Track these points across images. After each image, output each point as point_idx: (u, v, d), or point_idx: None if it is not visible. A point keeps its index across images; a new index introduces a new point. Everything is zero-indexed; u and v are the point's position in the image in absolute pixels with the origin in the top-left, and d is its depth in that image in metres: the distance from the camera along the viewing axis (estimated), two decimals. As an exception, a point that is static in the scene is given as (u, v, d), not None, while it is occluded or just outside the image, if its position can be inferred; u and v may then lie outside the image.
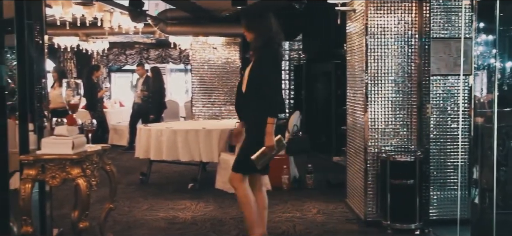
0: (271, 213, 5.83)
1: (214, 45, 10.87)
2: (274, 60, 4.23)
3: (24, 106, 4.13)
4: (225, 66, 10.99)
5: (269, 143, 4.14)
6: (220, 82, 10.98)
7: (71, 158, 3.67)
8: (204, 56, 10.97)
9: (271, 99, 4.16)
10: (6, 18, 3.99)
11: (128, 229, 5.20)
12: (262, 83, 4.15)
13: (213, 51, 10.95)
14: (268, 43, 4.21)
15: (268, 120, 4.11)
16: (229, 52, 11.00)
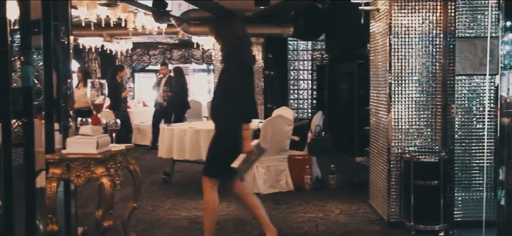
0: (293, 213, 5.83)
1: (236, 45, 10.86)
2: (240, 66, 4.26)
3: (50, 106, 4.17)
4: (247, 66, 10.97)
5: (247, 149, 4.21)
6: (243, 82, 10.96)
7: (96, 157, 3.70)
8: (227, 56, 10.97)
9: (242, 106, 4.23)
10: (33, 20, 4.05)
11: (151, 228, 5.23)
12: (229, 90, 4.24)
13: (236, 52, 10.94)
14: (233, 51, 4.29)
15: (243, 126, 4.19)
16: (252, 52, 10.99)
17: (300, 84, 12.85)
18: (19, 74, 4.04)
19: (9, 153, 3.93)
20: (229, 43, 4.31)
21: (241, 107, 4.22)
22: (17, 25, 4.12)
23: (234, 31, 4.32)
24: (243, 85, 4.23)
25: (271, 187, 6.87)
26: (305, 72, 12.84)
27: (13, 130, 3.97)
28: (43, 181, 3.98)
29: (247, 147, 4.21)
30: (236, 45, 4.29)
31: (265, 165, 6.84)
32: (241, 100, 4.21)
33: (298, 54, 12.70)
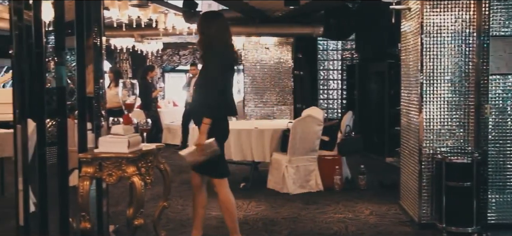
0: (323, 213, 5.80)
1: (266, 45, 10.88)
2: (216, 62, 4.25)
3: (82, 106, 4.24)
4: (277, 66, 10.99)
5: (199, 141, 4.18)
6: (272, 82, 10.98)
7: (127, 156, 3.75)
8: (256, 56, 11.00)
9: (209, 100, 4.19)
10: (67, 21, 4.12)
11: (181, 227, 5.27)
12: (203, 86, 4.26)
13: (266, 51, 10.96)
14: (210, 48, 4.31)
15: (203, 120, 4.16)
16: (282, 52, 10.99)
17: (330, 84, 12.78)
18: (53, 74, 4.11)
19: (43, 152, 4.01)
20: (207, 40, 4.33)
21: (209, 102, 4.19)
22: (51, 27, 4.19)
23: (213, 29, 4.33)
24: (214, 79, 4.20)
25: (300, 187, 6.86)
26: (335, 72, 12.77)
27: (47, 130, 4.04)
28: (76, 179, 4.04)
29: (199, 139, 4.19)
30: (214, 42, 4.30)
31: (295, 165, 6.83)
32: (210, 95, 4.19)
33: (328, 54, 12.63)
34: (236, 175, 7.98)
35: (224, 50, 4.33)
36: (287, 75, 10.98)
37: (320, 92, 12.74)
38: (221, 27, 4.39)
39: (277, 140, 7.19)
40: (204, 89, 4.25)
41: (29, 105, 4.01)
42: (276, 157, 7.04)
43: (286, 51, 10.98)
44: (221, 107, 4.28)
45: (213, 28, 4.35)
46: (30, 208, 4.09)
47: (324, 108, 12.31)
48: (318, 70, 12.63)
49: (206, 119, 4.16)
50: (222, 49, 4.32)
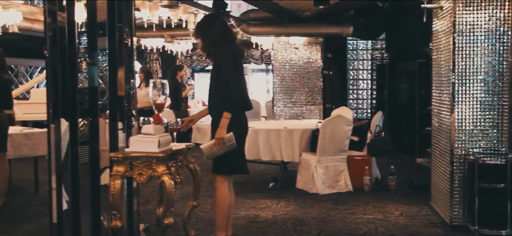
0: (352, 214, 5.76)
1: (295, 45, 10.87)
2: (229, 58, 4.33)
3: (114, 106, 4.29)
4: (306, 66, 10.96)
5: (218, 135, 4.25)
6: (302, 82, 10.96)
7: (157, 156, 3.78)
8: (285, 56, 10.99)
9: (230, 94, 4.24)
10: (99, 22, 4.18)
11: (211, 227, 5.29)
12: (219, 84, 4.31)
13: (295, 51, 10.95)
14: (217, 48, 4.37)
15: (223, 114, 4.23)
16: (311, 52, 10.96)
17: (360, 84, 12.69)
18: (85, 74, 4.18)
19: (76, 151, 4.07)
20: (212, 43, 4.38)
21: (229, 97, 4.25)
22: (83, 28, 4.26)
23: (215, 31, 4.37)
24: (229, 75, 4.26)
25: (329, 188, 6.83)
26: (365, 72, 12.67)
27: (79, 129, 4.11)
28: (107, 178, 4.09)
29: (218, 133, 4.25)
30: (219, 43, 4.35)
31: (324, 165, 6.80)
32: (228, 90, 4.24)
33: (358, 53, 12.55)
34: (265, 175, 7.99)
35: (233, 46, 4.41)
36: (317, 75, 10.94)
37: (349, 92, 12.66)
38: (223, 26, 4.47)
39: (306, 140, 7.18)
40: (220, 86, 4.30)
41: (62, 104, 4.09)
42: (305, 157, 7.02)
43: (315, 51, 10.95)
44: (239, 102, 4.33)
45: (216, 28, 4.39)
46: (63, 206, 4.17)
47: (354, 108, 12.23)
48: (348, 70, 12.55)
49: (226, 113, 4.22)
50: (230, 45, 4.39)
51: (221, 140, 4.25)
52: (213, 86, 4.40)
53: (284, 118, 10.81)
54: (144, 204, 5.98)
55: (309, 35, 10.67)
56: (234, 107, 4.27)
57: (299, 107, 11.00)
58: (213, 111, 4.44)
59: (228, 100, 4.25)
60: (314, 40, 10.88)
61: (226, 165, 4.40)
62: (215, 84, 4.37)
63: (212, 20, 4.56)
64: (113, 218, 3.85)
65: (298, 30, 10.28)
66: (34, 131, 6.84)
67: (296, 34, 10.48)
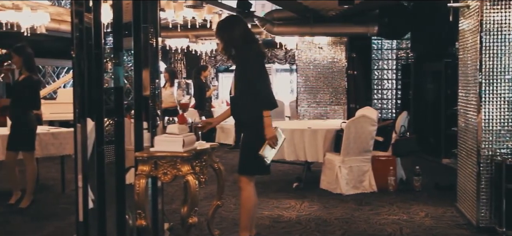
0: (377, 214, 5.72)
1: (320, 44, 10.83)
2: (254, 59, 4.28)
3: (139, 105, 4.33)
4: (330, 65, 10.92)
5: (270, 134, 4.18)
6: (326, 82, 10.92)
7: (182, 155, 3.81)
8: (309, 56, 10.96)
9: (262, 93, 4.20)
10: (125, 22, 4.22)
11: (234, 226, 5.30)
12: (246, 84, 4.23)
13: (319, 51, 10.92)
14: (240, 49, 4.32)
15: (264, 113, 4.16)
16: (335, 51, 10.91)
17: (384, 84, 12.60)
18: (110, 74, 4.23)
19: (101, 151, 4.12)
20: (232, 44, 4.33)
21: (264, 95, 4.22)
22: (109, 28, 4.31)
23: (237, 33, 4.32)
24: (257, 75, 4.22)
25: (353, 188, 6.79)
26: (390, 72, 12.58)
27: (105, 129, 4.16)
28: (132, 177, 4.13)
29: (269, 132, 4.18)
30: (241, 44, 4.31)
31: (348, 165, 6.77)
32: (259, 89, 4.20)
33: (383, 53, 12.46)
34: (289, 175, 7.98)
35: (255, 46, 4.37)
36: (341, 75, 10.89)
37: (374, 92, 12.58)
38: (245, 27, 4.43)
39: (330, 140, 7.15)
40: (247, 87, 4.23)
41: (88, 104, 4.14)
42: (329, 157, 7.00)
43: (339, 50, 10.90)
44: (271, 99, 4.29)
45: (237, 29, 4.34)
46: (89, 204, 4.22)
47: (378, 108, 12.15)
48: (372, 69, 12.47)
49: (266, 111, 4.18)
50: (253, 46, 4.34)
51: (274, 138, 4.22)
52: (239, 87, 4.34)
53: (308, 118, 10.78)
54: (169, 203, 6.03)
55: (334, 34, 10.63)
56: (271, 103, 4.24)
57: (323, 107, 10.96)
58: (240, 112, 4.37)
59: (262, 98, 4.22)
60: (338, 39, 10.83)
61: (251, 165, 4.35)
62: (242, 85, 4.30)
63: (233, 21, 4.53)
64: (138, 217, 3.89)
65: (322, 29, 10.24)
66: (61, 131, 6.94)
67: (320, 34, 10.45)
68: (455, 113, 6.10)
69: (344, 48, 10.90)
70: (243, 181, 4.40)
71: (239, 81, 4.33)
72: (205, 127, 4.48)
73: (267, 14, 10.36)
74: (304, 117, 10.90)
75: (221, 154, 10.06)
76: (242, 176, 4.40)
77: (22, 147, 6.10)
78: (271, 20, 10.11)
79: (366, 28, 9.98)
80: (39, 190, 6.69)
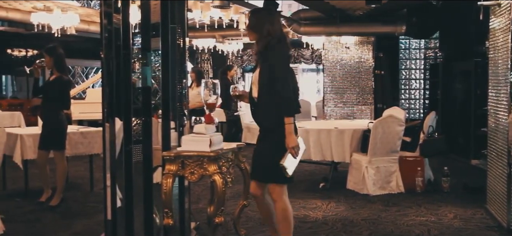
0: (404, 216, 5.67)
1: (347, 44, 10.78)
2: (284, 60, 4.04)
3: (166, 105, 4.37)
4: (358, 65, 10.86)
5: (292, 143, 3.89)
6: (353, 82, 10.87)
7: (209, 155, 3.82)
8: (336, 56, 10.92)
9: (285, 99, 3.90)
10: (153, 23, 4.26)
11: (260, 226, 5.31)
12: (274, 85, 3.91)
13: (346, 51, 10.86)
14: (272, 45, 3.99)
15: (285, 120, 3.88)
16: (362, 51, 10.85)
17: (412, 84, 12.49)
18: (138, 74, 4.27)
19: (129, 150, 4.17)
20: (269, 39, 3.99)
21: (287, 100, 3.91)
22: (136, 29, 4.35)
23: (277, 27, 4.05)
24: (283, 77, 3.91)
25: (380, 188, 6.74)
26: (417, 71, 12.47)
27: (133, 128, 4.20)
28: (159, 177, 4.17)
29: (291, 141, 3.89)
30: (276, 42, 3.99)
31: (375, 166, 6.72)
32: (286, 94, 3.90)
33: (410, 52, 12.35)
34: (315, 175, 7.95)
35: (286, 46, 4.10)
36: (368, 74, 10.83)
37: (401, 92, 12.48)
38: (280, 22, 4.19)
39: (357, 140, 7.11)
40: (274, 89, 3.93)
41: (117, 104, 4.19)
42: (356, 158, 6.95)
43: (366, 50, 10.83)
44: (295, 104, 4.05)
45: (278, 23, 4.09)
46: (117, 203, 4.27)
47: (406, 108, 12.04)
48: (400, 69, 12.37)
49: (288, 118, 3.89)
50: (286, 44, 4.09)
51: (297, 147, 3.93)
52: (265, 89, 4.02)
53: (334, 118, 10.73)
54: (195, 203, 6.06)
55: (361, 34, 10.57)
56: (293, 108, 3.97)
57: (350, 107, 10.91)
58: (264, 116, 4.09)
59: (284, 103, 3.91)
60: (365, 39, 10.77)
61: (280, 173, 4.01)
62: (269, 87, 3.98)
63: (274, 13, 4.21)
64: (165, 216, 3.92)
65: (349, 29, 10.19)
66: (90, 130, 7.03)
67: (347, 33, 10.40)
68: (484, 113, 6.01)
69: (371, 47, 10.84)
70: (274, 192, 4.11)
71: (265, 82, 4.01)
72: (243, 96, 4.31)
73: (294, 14, 10.36)
74: (331, 117, 10.85)
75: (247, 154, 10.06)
76: (273, 185, 4.10)
77: (53, 146, 6.20)
78: (298, 20, 10.09)
79: (393, 27, 9.90)
80: (69, 188, 6.79)
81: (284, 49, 4.06)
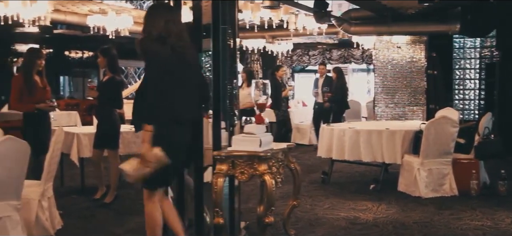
0: (458, 220, 5.53)
1: (398, 44, 10.62)
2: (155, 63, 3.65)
3: (217, 105, 4.41)
4: (409, 65, 10.68)
5: (142, 151, 3.55)
6: (404, 82, 10.70)
7: (259, 155, 3.84)
8: (387, 56, 10.77)
9: (148, 105, 3.60)
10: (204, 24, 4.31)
11: (310, 227, 5.30)
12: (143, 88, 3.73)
13: (397, 50, 10.70)
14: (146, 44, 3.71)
15: (144, 127, 3.55)
16: (414, 51, 10.66)
17: (466, 84, 12.18)
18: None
19: (181, 149, 4.22)
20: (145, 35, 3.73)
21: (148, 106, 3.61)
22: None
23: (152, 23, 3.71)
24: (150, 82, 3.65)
25: (433, 191, 6.60)
26: (472, 71, 12.14)
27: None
28: (210, 176, 4.21)
29: (142, 149, 3.56)
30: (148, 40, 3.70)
31: (427, 168, 6.58)
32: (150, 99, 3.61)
33: (465, 52, 12.04)
34: (366, 177, 7.87)
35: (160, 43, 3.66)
36: (420, 74, 10.64)
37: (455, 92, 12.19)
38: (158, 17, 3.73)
39: (409, 141, 6.99)
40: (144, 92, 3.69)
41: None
42: (407, 159, 6.83)
43: (419, 50, 10.64)
44: (161, 111, 3.63)
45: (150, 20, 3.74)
46: (168, 201, 4.34)
47: (460, 109, 11.74)
48: (454, 69, 12.08)
49: (147, 125, 3.54)
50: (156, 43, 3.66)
51: (142, 157, 3.57)
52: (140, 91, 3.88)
53: (385, 119, 10.59)
54: (245, 202, 6.09)
55: (413, 33, 10.39)
56: (153, 117, 3.58)
57: (401, 108, 10.73)
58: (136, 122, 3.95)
59: (148, 109, 3.61)
60: (417, 38, 10.58)
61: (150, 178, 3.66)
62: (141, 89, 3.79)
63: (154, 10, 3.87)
64: (216, 215, 3.96)
65: (401, 28, 10.04)
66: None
67: (399, 33, 10.24)
68: (544, 115, 5.79)
69: (423, 47, 10.64)
70: (144, 196, 3.80)
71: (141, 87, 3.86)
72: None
73: (344, 14, 10.27)
74: (381, 118, 10.71)
75: (297, 154, 10.06)
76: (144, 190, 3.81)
77: (107, 145, 6.36)
78: (348, 20, 10.01)
79: (447, 26, 9.69)
80: (122, 186, 6.93)
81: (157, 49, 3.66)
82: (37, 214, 4.64)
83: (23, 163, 4.24)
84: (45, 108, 6.01)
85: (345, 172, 8.30)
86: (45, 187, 4.80)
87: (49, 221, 4.76)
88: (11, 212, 4.18)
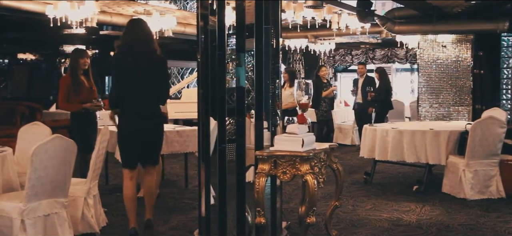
0: (505, 222, 5.40)
1: (443, 43, 10.42)
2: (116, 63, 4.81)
3: (259, 105, 4.42)
4: (455, 65, 10.46)
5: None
6: (449, 82, 10.49)
7: (301, 155, 3.84)
8: (432, 55, 10.58)
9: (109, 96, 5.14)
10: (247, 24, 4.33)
11: (352, 227, 5.26)
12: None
13: (443, 50, 10.50)
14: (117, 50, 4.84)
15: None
16: (460, 50, 10.44)
17: (515, 84, 11.85)
18: (231, 75, 4.35)
19: (223, 149, 4.26)
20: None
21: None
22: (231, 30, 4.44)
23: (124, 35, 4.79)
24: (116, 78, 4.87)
25: (479, 193, 6.45)
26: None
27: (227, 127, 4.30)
28: (252, 176, 4.24)
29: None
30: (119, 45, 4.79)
31: (473, 169, 6.44)
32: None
33: (513, 50, 11.71)
34: (409, 177, 7.76)
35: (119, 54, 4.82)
36: (466, 74, 10.41)
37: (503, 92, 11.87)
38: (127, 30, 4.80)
39: (454, 142, 6.85)
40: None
41: (211, 104, 4.30)
42: (452, 160, 6.70)
43: (465, 49, 10.41)
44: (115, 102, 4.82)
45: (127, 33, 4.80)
46: (210, 200, 4.39)
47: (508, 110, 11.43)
48: (501, 68, 11.77)
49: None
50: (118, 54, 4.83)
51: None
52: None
53: (429, 119, 10.41)
54: (287, 202, 6.09)
55: (459, 32, 10.18)
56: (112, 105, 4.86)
57: (446, 108, 10.53)
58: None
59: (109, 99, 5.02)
60: (463, 37, 10.36)
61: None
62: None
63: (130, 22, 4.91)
64: (257, 215, 3.99)
65: (446, 27, 9.85)
66: (185, 129, 7.26)
67: (444, 31, 10.05)
68: None
69: (469, 46, 10.41)
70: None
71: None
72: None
73: (388, 13, 10.14)
74: (426, 118, 10.53)
75: (339, 154, 10.00)
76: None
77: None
78: (392, 19, 9.88)
79: (495, 24, 9.45)
80: (165, 185, 7.05)
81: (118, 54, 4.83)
82: (83, 211, 4.76)
83: (70, 161, 4.35)
84: (91, 107, 6.14)
85: (387, 173, 8.20)
86: (91, 185, 4.91)
87: (94, 218, 4.87)
88: (59, 209, 4.30)
